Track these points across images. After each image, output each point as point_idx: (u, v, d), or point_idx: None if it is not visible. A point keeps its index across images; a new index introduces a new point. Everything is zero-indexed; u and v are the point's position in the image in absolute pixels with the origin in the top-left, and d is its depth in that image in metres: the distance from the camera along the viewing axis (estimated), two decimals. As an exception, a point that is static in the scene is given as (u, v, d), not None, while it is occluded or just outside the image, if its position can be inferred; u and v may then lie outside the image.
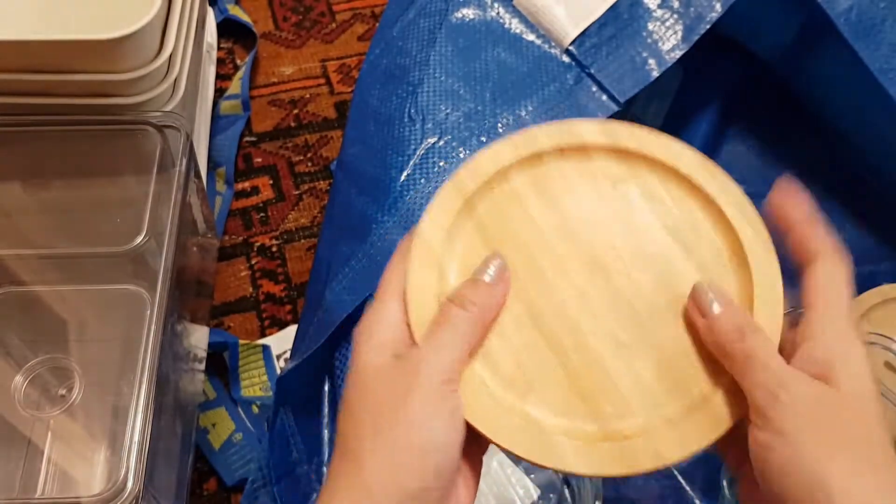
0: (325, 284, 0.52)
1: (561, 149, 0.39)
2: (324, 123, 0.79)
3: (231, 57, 0.84)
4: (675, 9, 0.53)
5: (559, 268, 0.37)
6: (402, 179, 0.50)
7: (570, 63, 0.53)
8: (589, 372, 0.35)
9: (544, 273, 0.36)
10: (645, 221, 0.38)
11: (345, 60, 0.84)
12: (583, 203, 0.38)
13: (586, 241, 0.37)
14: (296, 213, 0.72)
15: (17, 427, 0.50)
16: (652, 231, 0.37)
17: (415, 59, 0.55)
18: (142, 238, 0.51)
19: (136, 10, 0.50)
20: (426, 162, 0.50)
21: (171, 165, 0.55)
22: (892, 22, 0.51)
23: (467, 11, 0.55)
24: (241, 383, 0.62)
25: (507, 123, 0.51)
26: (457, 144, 0.50)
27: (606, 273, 0.37)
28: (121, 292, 0.53)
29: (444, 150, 0.50)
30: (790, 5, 0.59)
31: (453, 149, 0.50)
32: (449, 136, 0.51)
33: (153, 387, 0.46)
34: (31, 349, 0.52)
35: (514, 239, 0.37)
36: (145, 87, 0.54)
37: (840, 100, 0.65)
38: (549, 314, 0.36)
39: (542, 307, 0.36)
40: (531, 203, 0.38)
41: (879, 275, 0.64)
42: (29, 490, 0.48)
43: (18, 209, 0.56)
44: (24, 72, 0.52)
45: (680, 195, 0.38)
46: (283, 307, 0.67)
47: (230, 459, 0.58)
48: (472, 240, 0.37)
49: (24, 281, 0.53)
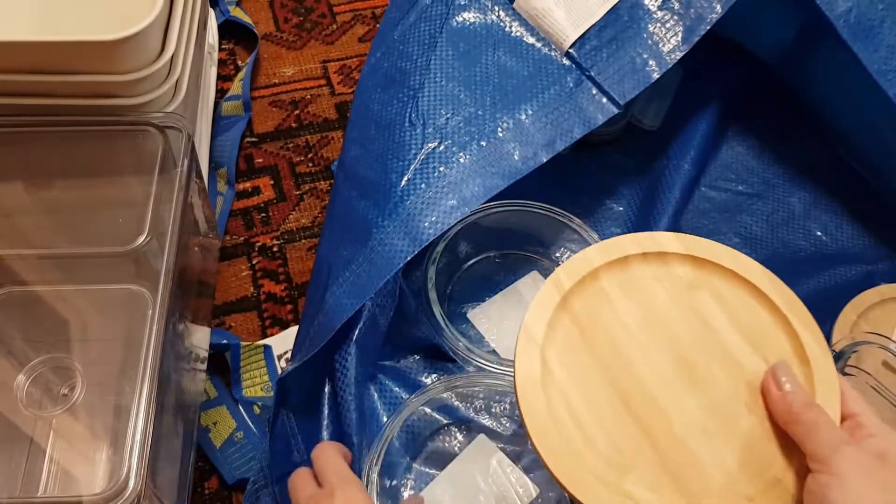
0: (325, 286, 0.52)
1: (644, 253, 0.45)
2: (324, 124, 0.79)
3: (232, 58, 0.84)
4: (675, 10, 0.53)
5: (646, 360, 0.42)
6: (402, 184, 0.50)
7: (571, 66, 0.53)
8: (677, 454, 0.39)
9: (633, 364, 0.42)
10: (718, 321, 0.43)
11: (345, 61, 0.84)
12: (664, 303, 0.44)
13: (669, 336, 0.43)
14: (297, 213, 0.73)
15: (20, 426, 0.50)
16: (724, 330, 0.43)
17: (415, 64, 0.55)
18: (143, 238, 0.52)
19: (137, 12, 0.51)
20: (426, 167, 0.50)
21: (172, 166, 0.55)
22: (890, 24, 0.52)
23: (468, 15, 0.55)
24: (242, 384, 0.62)
25: (507, 128, 0.52)
26: (457, 149, 0.51)
27: (690, 366, 0.42)
28: (123, 292, 0.53)
29: (444, 154, 0.51)
30: (789, 7, 0.60)
31: (453, 154, 0.50)
32: (449, 140, 0.51)
33: (155, 386, 0.46)
34: (34, 349, 0.52)
35: (605, 333, 0.43)
36: (147, 88, 0.54)
37: (839, 101, 0.66)
38: (640, 402, 0.41)
39: (633, 395, 0.41)
40: (619, 301, 0.44)
41: (877, 274, 0.64)
42: (31, 489, 0.48)
43: (21, 209, 0.56)
44: (26, 73, 0.52)
45: (747, 300, 0.44)
46: (284, 307, 0.67)
47: (231, 458, 0.58)
48: (569, 332, 0.43)
49: (26, 281, 0.54)
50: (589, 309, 0.43)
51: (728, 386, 0.41)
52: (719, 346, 0.42)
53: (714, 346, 0.42)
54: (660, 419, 0.40)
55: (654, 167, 0.70)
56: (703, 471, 0.39)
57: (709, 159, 0.72)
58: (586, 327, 0.43)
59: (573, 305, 0.43)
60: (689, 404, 0.41)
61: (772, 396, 0.40)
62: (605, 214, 0.69)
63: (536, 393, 0.40)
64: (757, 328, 0.43)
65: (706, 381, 0.41)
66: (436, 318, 0.55)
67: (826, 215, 0.70)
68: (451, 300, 0.63)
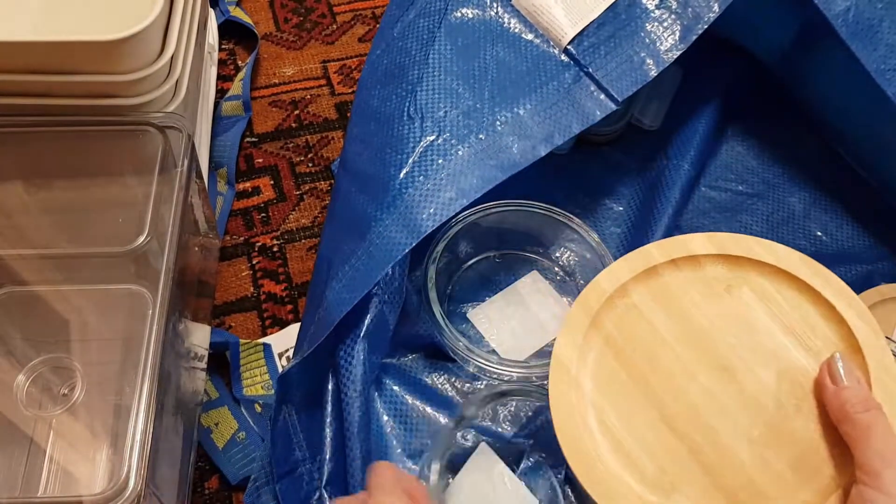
0: (325, 283, 0.52)
1: (673, 260, 0.43)
2: (325, 124, 0.79)
3: (232, 58, 0.84)
4: (672, 9, 0.53)
5: (686, 372, 0.40)
6: (401, 177, 0.50)
7: (569, 62, 0.53)
8: (725, 468, 0.38)
9: (673, 378, 0.40)
10: (760, 320, 0.41)
11: (345, 61, 0.85)
12: (700, 308, 0.42)
13: (708, 344, 0.41)
14: (297, 213, 0.73)
15: (20, 426, 0.50)
16: (768, 329, 0.41)
17: (414, 59, 0.55)
18: (143, 238, 0.52)
19: (137, 12, 0.51)
20: (425, 159, 0.50)
21: (172, 166, 0.55)
22: (889, 23, 0.52)
23: (466, 11, 0.55)
24: (242, 382, 0.62)
25: (506, 121, 0.52)
26: (455, 142, 0.51)
27: (731, 373, 0.40)
28: (123, 292, 0.53)
29: (442, 147, 0.51)
30: (788, 6, 0.60)
31: (452, 146, 0.50)
32: (447, 133, 0.51)
33: (155, 386, 0.46)
34: (33, 349, 0.52)
35: (641, 348, 0.41)
36: (147, 88, 0.54)
37: (838, 100, 0.66)
38: (682, 417, 0.39)
39: (674, 411, 0.39)
40: (652, 313, 0.42)
41: (877, 274, 0.64)
42: (31, 489, 0.48)
43: (20, 209, 0.56)
44: (26, 73, 0.52)
45: (789, 293, 0.42)
46: (284, 307, 0.67)
47: (234, 458, 0.58)
48: (602, 354, 0.41)
49: (25, 281, 0.54)
50: (622, 327, 0.42)
51: (773, 387, 0.39)
52: (762, 346, 0.41)
53: (757, 347, 0.41)
54: (704, 432, 0.39)
55: (654, 167, 0.70)
56: (753, 484, 0.37)
57: (709, 159, 0.72)
58: (621, 347, 0.41)
59: (604, 326, 0.42)
60: (735, 415, 0.39)
61: (826, 392, 0.38)
62: (604, 214, 0.69)
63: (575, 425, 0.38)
64: (802, 321, 0.41)
65: (750, 386, 0.40)
66: (436, 318, 0.55)
67: (826, 215, 0.70)
68: (451, 300, 0.63)
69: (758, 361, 0.40)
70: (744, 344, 0.41)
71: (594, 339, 0.42)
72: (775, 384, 0.39)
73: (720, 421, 0.39)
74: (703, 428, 0.39)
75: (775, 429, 0.38)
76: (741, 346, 0.41)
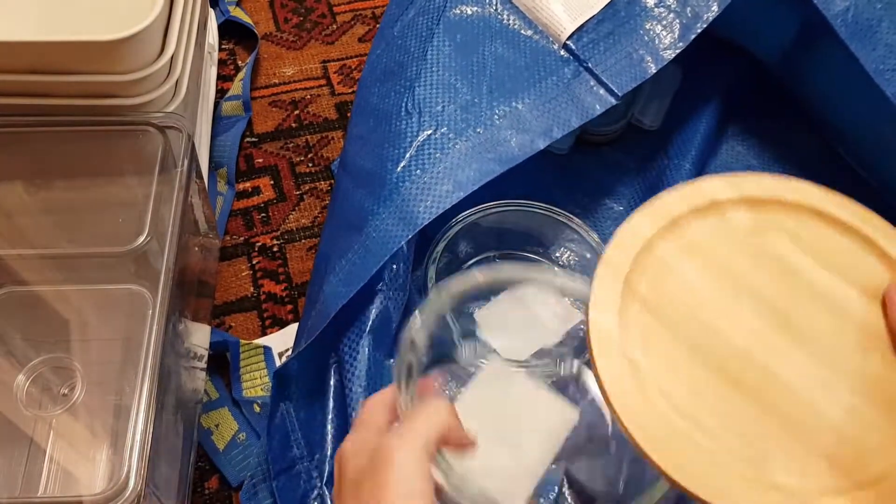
0: (323, 278, 0.52)
1: (695, 209, 0.40)
2: (324, 124, 0.79)
3: (232, 58, 0.84)
4: (672, 7, 0.53)
5: (736, 325, 0.36)
6: (397, 171, 0.50)
7: (568, 58, 0.53)
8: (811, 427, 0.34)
9: (724, 334, 0.36)
10: (797, 261, 0.38)
11: (345, 61, 0.85)
12: (732, 257, 0.38)
13: (750, 292, 0.37)
14: (297, 213, 0.73)
15: (20, 426, 0.50)
16: (807, 268, 0.38)
17: (413, 56, 0.55)
18: (143, 238, 0.52)
19: (137, 12, 0.51)
20: (422, 153, 0.50)
21: (172, 166, 0.55)
22: (888, 23, 0.52)
23: (465, 8, 0.56)
24: (242, 384, 0.62)
25: (504, 115, 0.51)
26: (453, 136, 0.51)
27: (782, 317, 0.37)
28: (122, 292, 0.53)
29: (439, 141, 0.50)
30: (787, 6, 0.60)
31: (449, 140, 0.50)
32: (445, 127, 0.51)
33: (155, 386, 0.46)
34: (33, 349, 0.52)
35: (682, 309, 0.37)
36: (147, 88, 0.54)
37: (838, 100, 0.66)
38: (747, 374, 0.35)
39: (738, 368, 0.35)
40: (684, 269, 0.38)
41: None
42: (31, 489, 0.48)
43: (21, 209, 0.56)
44: (26, 73, 0.52)
45: (819, 229, 0.39)
46: (284, 307, 0.67)
47: (235, 460, 0.58)
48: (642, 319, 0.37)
49: (26, 281, 0.54)
50: (655, 287, 0.38)
51: (832, 328, 0.36)
52: (807, 287, 0.37)
53: (802, 289, 0.37)
54: (776, 387, 0.35)
55: (654, 167, 0.70)
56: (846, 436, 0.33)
57: (709, 159, 0.72)
58: (659, 309, 0.37)
59: (637, 289, 0.37)
60: (800, 361, 0.35)
61: None
62: (604, 214, 0.69)
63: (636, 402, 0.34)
64: (840, 256, 0.38)
65: (808, 330, 0.36)
66: (435, 318, 0.55)
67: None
68: (451, 300, 0.63)
69: (808, 302, 0.37)
70: (787, 287, 0.37)
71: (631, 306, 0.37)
72: (833, 324, 0.36)
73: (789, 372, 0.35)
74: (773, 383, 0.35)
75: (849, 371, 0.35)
76: (785, 289, 0.37)
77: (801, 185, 0.40)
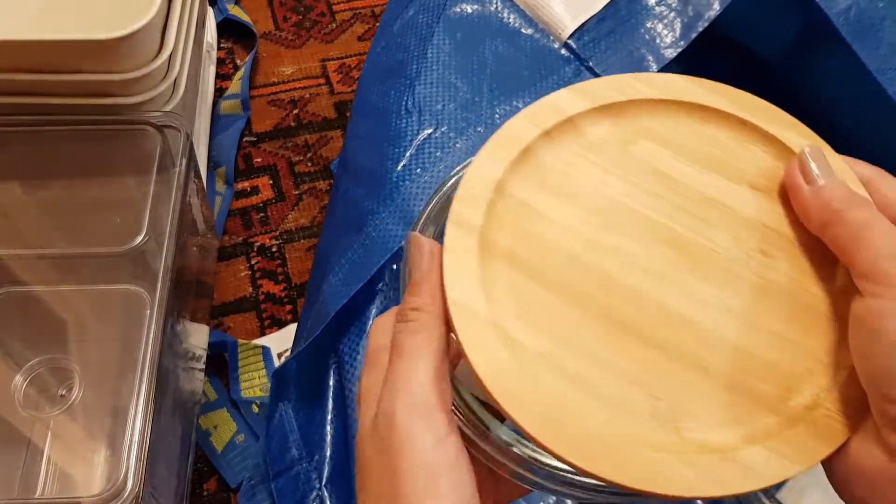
0: (323, 277, 0.52)
1: (546, 132, 0.33)
2: (324, 123, 0.79)
3: (231, 57, 0.84)
4: (673, 6, 0.53)
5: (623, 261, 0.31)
6: (398, 170, 0.50)
7: (569, 56, 0.53)
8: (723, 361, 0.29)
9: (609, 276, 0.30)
10: (677, 169, 0.32)
11: (345, 60, 0.84)
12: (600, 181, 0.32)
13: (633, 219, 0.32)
14: (296, 213, 0.72)
15: (17, 427, 0.50)
16: (690, 175, 0.32)
17: (412, 54, 0.55)
18: (142, 238, 0.51)
19: (135, 10, 0.50)
20: (422, 152, 0.50)
21: (170, 165, 0.55)
22: (890, 21, 0.51)
23: (465, 6, 0.55)
24: (240, 385, 0.61)
25: (505, 114, 0.51)
26: (454, 135, 0.50)
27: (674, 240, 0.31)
28: (121, 292, 0.53)
29: (440, 140, 0.50)
30: (789, 5, 0.59)
31: (450, 139, 0.50)
32: (445, 126, 0.51)
33: (153, 387, 0.46)
34: (31, 349, 0.52)
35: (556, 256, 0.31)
36: (145, 87, 0.54)
37: (840, 99, 0.65)
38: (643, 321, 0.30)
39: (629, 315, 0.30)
40: (549, 207, 0.32)
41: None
42: (29, 490, 0.48)
43: (18, 209, 0.56)
44: (24, 72, 0.52)
45: (693, 125, 0.33)
46: (283, 307, 0.67)
47: (233, 461, 0.58)
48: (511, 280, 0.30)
49: (23, 281, 0.53)
50: (519, 236, 0.31)
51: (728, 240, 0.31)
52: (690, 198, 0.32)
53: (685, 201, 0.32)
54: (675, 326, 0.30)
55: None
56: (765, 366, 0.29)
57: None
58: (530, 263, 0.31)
59: (498, 244, 0.31)
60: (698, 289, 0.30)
61: (802, 195, 0.30)
62: (604, 214, 0.69)
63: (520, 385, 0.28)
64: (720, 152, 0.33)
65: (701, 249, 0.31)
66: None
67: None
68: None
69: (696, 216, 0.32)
70: (672, 203, 0.32)
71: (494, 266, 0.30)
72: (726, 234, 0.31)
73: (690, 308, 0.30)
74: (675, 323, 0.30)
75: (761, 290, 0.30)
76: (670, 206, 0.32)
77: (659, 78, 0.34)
